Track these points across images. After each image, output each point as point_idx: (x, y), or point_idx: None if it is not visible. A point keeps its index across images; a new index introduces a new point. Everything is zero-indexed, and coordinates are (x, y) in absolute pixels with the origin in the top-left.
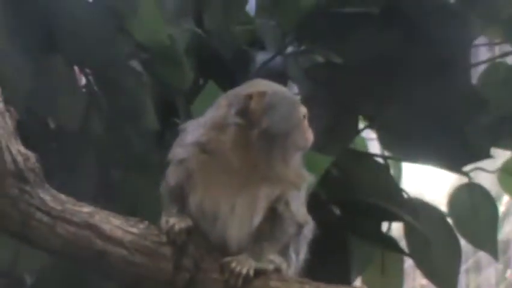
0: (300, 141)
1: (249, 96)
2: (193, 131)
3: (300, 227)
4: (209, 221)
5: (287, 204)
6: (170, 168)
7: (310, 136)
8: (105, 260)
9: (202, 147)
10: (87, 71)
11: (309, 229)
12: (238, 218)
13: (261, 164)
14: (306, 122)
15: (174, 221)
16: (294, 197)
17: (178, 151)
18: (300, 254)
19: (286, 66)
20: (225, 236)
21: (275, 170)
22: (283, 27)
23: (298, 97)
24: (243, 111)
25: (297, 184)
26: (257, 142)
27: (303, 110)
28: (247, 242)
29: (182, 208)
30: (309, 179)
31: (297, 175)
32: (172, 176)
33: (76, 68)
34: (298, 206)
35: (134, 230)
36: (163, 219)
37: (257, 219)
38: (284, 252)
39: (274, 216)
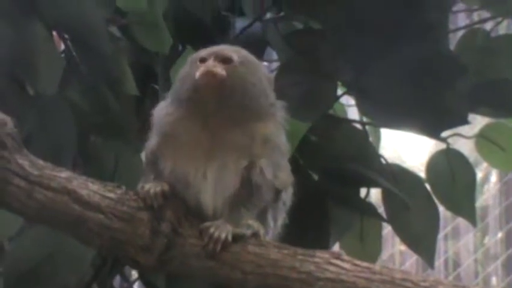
0: (188, 86)
1: None
2: (166, 101)
3: (278, 192)
4: (182, 187)
5: (262, 172)
6: (150, 134)
7: (198, 74)
8: (83, 225)
9: (172, 117)
10: (66, 36)
11: (288, 195)
12: (212, 184)
13: (219, 130)
14: (203, 63)
15: (149, 186)
16: (268, 163)
17: (154, 120)
18: (278, 221)
19: (265, 32)
20: (199, 201)
21: (233, 134)
22: None
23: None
24: None
25: (264, 151)
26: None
27: (201, 53)
28: (223, 207)
29: (159, 175)
30: (286, 142)
31: (262, 139)
32: (149, 144)
33: (55, 33)
34: (275, 172)
35: (112, 195)
36: (139, 185)
37: (230, 186)
38: (262, 218)
39: (250, 184)
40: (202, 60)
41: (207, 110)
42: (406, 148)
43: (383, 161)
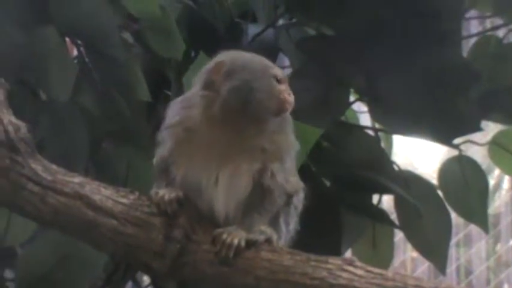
0: (272, 105)
1: (211, 70)
2: (171, 111)
3: (289, 196)
4: (194, 194)
5: (273, 175)
6: (157, 148)
7: (287, 99)
8: (96, 230)
9: (178, 127)
10: (79, 42)
11: (299, 199)
12: (223, 191)
13: (234, 133)
14: (282, 85)
15: (164, 192)
16: (279, 167)
17: (162, 133)
18: (290, 225)
19: (278, 38)
20: (212, 208)
21: (248, 138)
22: None
23: (287, 70)
24: (208, 85)
25: (277, 155)
26: (220, 110)
27: (277, 72)
28: (236, 213)
29: (171, 182)
30: (295, 146)
31: (275, 143)
32: (157, 154)
33: (67, 39)
34: (285, 176)
35: (125, 200)
36: (153, 191)
37: (243, 192)
38: (274, 223)
39: (262, 189)
40: (280, 81)
41: (233, 120)
42: (418, 155)
43: (395, 168)
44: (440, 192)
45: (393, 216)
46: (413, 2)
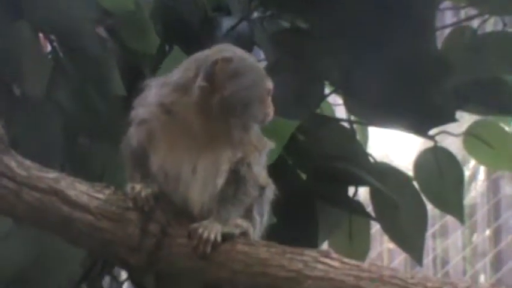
0: (259, 115)
1: (216, 62)
2: (157, 90)
3: (262, 188)
4: (171, 182)
5: (249, 166)
6: (132, 128)
7: (270, 112)
8: (71, 225)
9: (165, 108)
10: (52, 37)
11: (270, 190)
12: (200, 180)
13: (221, 129)
14: (269, 98)
15: (140, 187)
16: (256, 159)
17: (141, 111)
18: (263, 216)
19: (252, 31)
20: (187, 198)
21: (234, 136)
22: None
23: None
24: (209, 76)
25: (259, 147)
26: (217, 108)
27: (269, 84)
28: (210, 205)
29: (146, 173)
30: (270, 145)
31: (258, 139)
32: (134, 137)
33: (41, 34)
34: (259, 168)
35: (100, 195)
36: (128, 186)
37: (219, 181)
38: (248, 215)
39: (237, 178)
40: (269, 94)
41: (224, 115)
42: (393, 147)
43: (371, 160)
44: (416, 184)
45: (369, 208)
46: None
